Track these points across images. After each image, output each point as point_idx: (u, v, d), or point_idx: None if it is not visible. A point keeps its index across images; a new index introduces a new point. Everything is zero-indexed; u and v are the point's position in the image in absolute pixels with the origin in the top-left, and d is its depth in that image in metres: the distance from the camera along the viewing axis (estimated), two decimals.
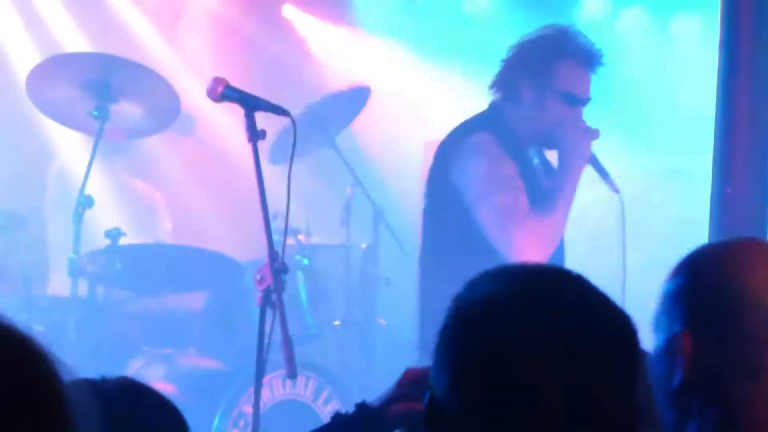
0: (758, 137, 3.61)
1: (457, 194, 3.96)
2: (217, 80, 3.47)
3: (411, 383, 2.04)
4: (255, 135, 3.40)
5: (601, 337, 1.32)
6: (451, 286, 1.48)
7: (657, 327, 1.73)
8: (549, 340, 1.29)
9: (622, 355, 1.32)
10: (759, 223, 3.57)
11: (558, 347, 1.29)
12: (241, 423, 4.22)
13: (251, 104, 3.44)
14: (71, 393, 1.24)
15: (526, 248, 3.47)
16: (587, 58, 4.07)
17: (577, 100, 3.96)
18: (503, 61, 4.05)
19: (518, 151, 4.06)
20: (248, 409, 4.04)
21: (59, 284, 4.90)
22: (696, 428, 1.64)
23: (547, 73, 3.98)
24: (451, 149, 4.04)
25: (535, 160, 4.19)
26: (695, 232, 3.67)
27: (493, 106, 4.11)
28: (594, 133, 4.03)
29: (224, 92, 3.46)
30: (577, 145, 4.02)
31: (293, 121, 3.54)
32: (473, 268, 1.54)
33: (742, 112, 3.66)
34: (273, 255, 3.39)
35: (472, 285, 1.38)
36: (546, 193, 3.98)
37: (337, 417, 2.04)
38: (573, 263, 3.54)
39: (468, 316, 1.35)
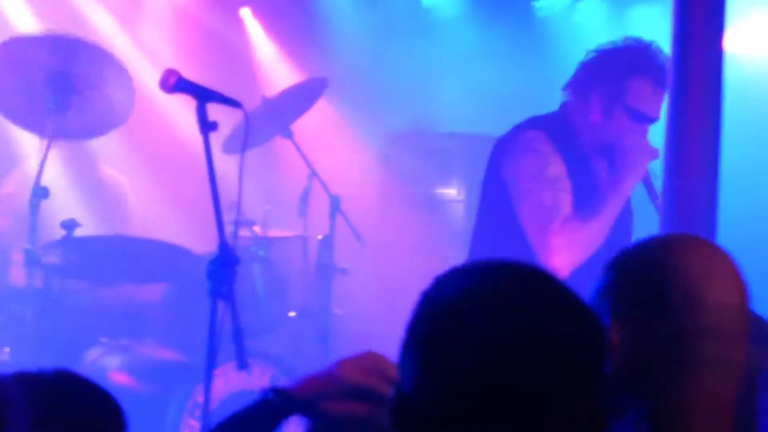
0: (708, 132, 3.48)
1: (504, 189, 4.01)
2: (169, 72, 3.46)
3: (375, 375, 2.03)
4: (206, 126, 3.39)
5: (566, 335, 1.33)
6: None
7: None
8: (514, 338, 1.29)
9: (586, 353, 1.33)
10: (708, 218, 3.45)
11: (523, 345, 1.29)
12: (197, 413, 4.15)
13: (203, 96, 3.42)
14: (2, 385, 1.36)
15: (559, 251, 3.51)
16: (663, 78, 3.94)
17: (645, 119, 4.01)
18: (580, 64, 4.08)
19: (576, 153, 4.10)
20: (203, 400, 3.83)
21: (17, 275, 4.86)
22: (625, 422, 1.64)
23: (620, 86, 4.02)
24: (504, 145, 4.09)
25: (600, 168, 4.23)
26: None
27: (563, 107, 4.15)
28: (654, 153, 4.01)
29: (177, 83, 3.44)
30: (635, 161, 4.04)
31: (245, 113, 3.57)
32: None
33: (692, 106, 3.54)
34: (224, 246, 3.42)
35: (440, 282, 1.39)
36: (592, 202, 4.01)
37: (262, 402, 2.00)
38: None
39: (435, 313, 1.35)
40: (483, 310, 1.32)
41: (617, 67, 4.02)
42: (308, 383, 2.10)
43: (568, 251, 3.66)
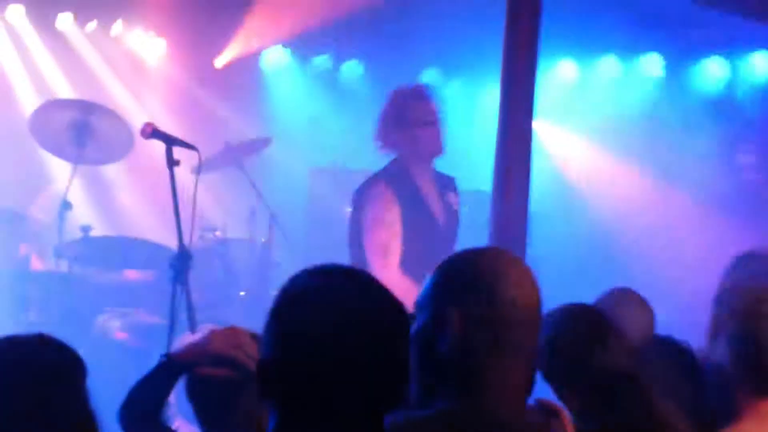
0: (522, 177, 4.16)
1: (359, 224, 4.52)
2: (147, 124, 3.94)
3: (236, 347, 2.29)
4: (171, 163, 3.92)
5: (378, 322, 1.44)
6: None
7: (421, 308, 1.85)
8: (338, 323, 1.41)
9: (394, 337, 1.44)
10: (521, 232, 4.17)
11: (346, 324, 1.41)
12: None
13: (170, 141, 3.92)
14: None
15: (383, 275, 3.85)
16: (422, 93, 4.65)
17: (429, 122, 4.51)
18: (376, 122, 4.61)
19: (409, 189, 4.56)
20: None
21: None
22: (441, 397, 1.75)
23: (403, 113, 4.50)
24: (361, 191, 4.59)
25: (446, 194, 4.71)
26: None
27: (392, 158, 4.62)
28: (441, 146, 4.59)
29: (152, 133, 3.94)
30: (432, 150, 4.50)
31: (199, 154, 4.03)
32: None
33: (511, 156, 4.18)
34: (182, 246, 3.88)
35: (293, 279, 1.49)
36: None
37: (158, 365, 2.30)
38: None
39: (287, 302, 1.46)
40: (322, 298, 1.44)
41: (397, 105, 4.59)
42: (187, 350, 2.38)
43: (390, 276, 4.12)
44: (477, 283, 1.78)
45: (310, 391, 1.40)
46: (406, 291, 3.04)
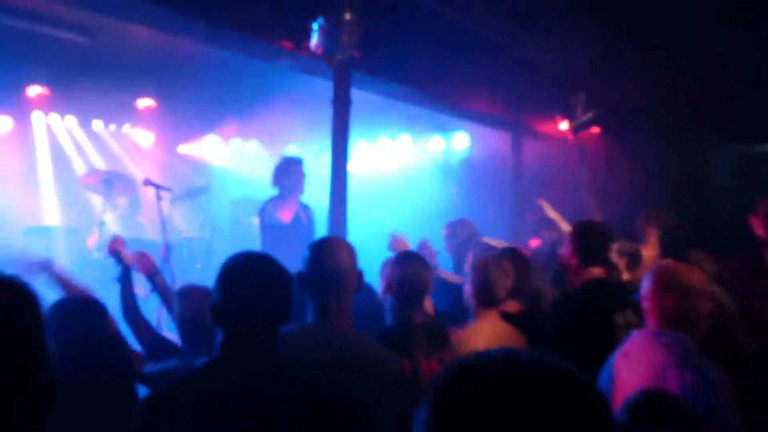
0: (340, 198, 4.71)
1: (263, 229, 5.15)
2: (145, 179, 5.26)
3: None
4: (158, 197, 5.14)
5: (267, 275, 1.71)
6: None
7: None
8: (245, 279, 1.71)
9: (275, 284, 1.72)
10: (343, 228, 4.76)
11: (249, 282, 1.69)
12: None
13: (157, 186, 5.16)
14: None
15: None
16: (293, 161, 5.29)
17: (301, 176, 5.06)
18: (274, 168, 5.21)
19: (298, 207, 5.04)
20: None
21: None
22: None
23: (285, 171, 5.21)
24: (263, 206, 5.27)
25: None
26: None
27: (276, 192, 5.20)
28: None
29: (146, 182, 5.27)
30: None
31: (171, 193, 5.34)
32: None
33: (338, 177, 4.73)
34: (166, 242, 5.11)
35: (227, 259, 1.77)
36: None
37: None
38: None
39: (223, 271, 1.77)
40: (237, 268, 1.76)
41: (285, 163, 5.28)
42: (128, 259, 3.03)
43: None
44: (319, 252, 2.11)
45: (237, 321, 1.72)
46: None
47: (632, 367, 2.44)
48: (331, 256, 2.20)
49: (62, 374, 1.24)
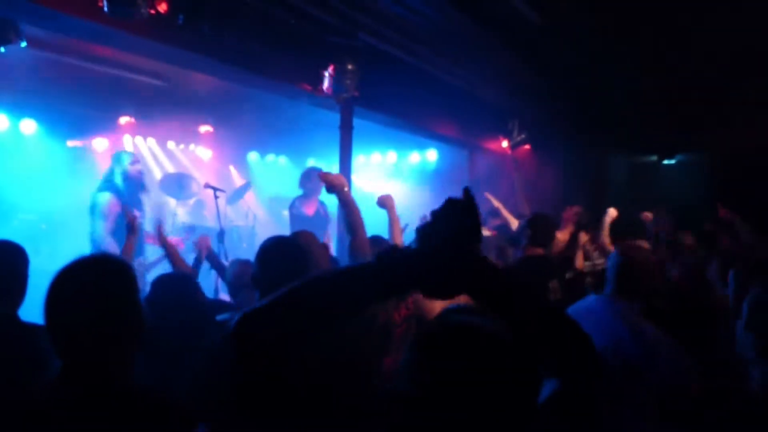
0: None
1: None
2: (205, 183, 5.00)
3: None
4: (215, 197, 4.81)
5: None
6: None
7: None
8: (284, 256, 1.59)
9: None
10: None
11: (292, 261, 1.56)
12: None
13: (214, 189, 4.86)
14: None
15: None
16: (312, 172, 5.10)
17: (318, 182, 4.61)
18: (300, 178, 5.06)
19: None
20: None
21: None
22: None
23: (310, 176, 4.99)
24: (292, 205, 5.00)
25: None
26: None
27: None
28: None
29: (206, 185, 4.98)
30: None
31: (225, 192, 5.16)
32: None
33: None
34: (221, 229, 4.68)
35: (265, 241, 1.63)
36: None
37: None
38: None
39: (262, 249, 1.64)
40: (268, 247, 1.64)
41: (307, 174, 5.13)
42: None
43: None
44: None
45: (270, 288, 1.50)
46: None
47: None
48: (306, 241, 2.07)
49: (163, 324, 1.20)
